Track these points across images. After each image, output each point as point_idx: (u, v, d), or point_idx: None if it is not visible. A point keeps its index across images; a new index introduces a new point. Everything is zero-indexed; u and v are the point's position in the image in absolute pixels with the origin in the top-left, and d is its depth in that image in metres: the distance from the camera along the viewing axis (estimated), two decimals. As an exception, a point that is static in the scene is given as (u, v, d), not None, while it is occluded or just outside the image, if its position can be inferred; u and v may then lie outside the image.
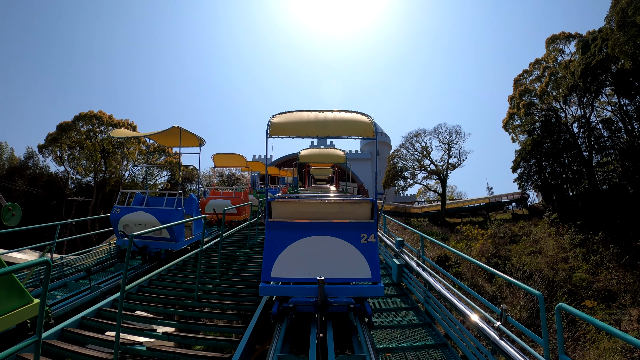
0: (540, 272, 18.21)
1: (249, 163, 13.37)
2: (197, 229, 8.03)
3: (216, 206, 11.42)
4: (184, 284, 5.56)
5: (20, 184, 31.09)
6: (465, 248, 22.50)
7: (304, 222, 4.08)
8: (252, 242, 8.94)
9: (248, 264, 6.92)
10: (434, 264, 5.60)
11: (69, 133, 31.78)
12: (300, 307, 3.68)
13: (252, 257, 7.53)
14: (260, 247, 8.33)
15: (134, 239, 3.09)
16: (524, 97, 32.62)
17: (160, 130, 7.46)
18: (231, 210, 11.14)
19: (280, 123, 4.43)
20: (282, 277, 3.82)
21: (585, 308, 15.47)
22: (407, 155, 37.25)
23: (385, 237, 8.03)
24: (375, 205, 4.14)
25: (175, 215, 6.83)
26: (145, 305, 4.78)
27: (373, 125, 4.37)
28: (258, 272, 6.04)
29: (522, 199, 35.02)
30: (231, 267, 6.69)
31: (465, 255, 4.44)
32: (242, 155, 13.02)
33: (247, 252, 7.92)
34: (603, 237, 22.39)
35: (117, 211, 7.05)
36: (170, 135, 7.80)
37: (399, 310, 5.22)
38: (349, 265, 3.81)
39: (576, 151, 29.36)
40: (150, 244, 7.06)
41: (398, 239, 6.74)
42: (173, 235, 6.84)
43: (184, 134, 7.84)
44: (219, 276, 5.79)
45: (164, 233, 6.82)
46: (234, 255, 7.56)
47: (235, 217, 12.17)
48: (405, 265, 6.03)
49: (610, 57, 24.95)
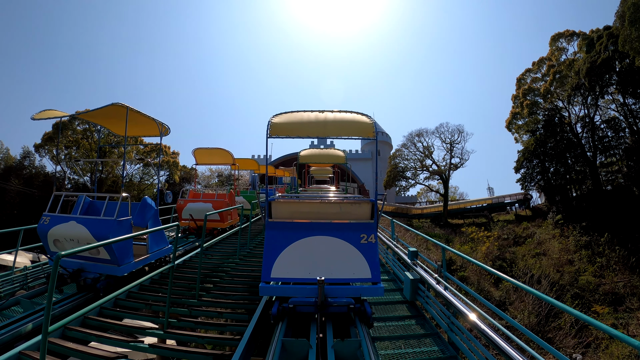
0: (547, 277, 17.77)
1: (236, 160, 11.78)
2: (156, 245, 6.16)
3: (194, 211, 9.80)
4: (154, 305, 4.63)
5: (16, 184, 30.58)
6: (470, 251, 22.04)
7: (304, 222, 4.10)
8: (243, 249, 8.02)
9: (235, 278, 6.04)
10: (460, 284, 4.46)
11: (65, 132, 31.28)
12: (300, 307, 3.71)
13: (243, 267, 6.67)
14: (252, 256, 7.56)
15: (62, 259, 2.31)
16: (527, 96, 32.19)
17: (96, 108, 5.55)
18: (213, 215, 9.49)
19: (280, 123, 4.44)
20: (282, 277, 3.83)
21: (594, 314, 15.03)
22: (408, 155, 36.80)
23: (392, 244, 7.15)
24: (375, 206, 4.14)
25: (115, 228, 5.03)
26: (100, 337, 3.75)
27: (373, 125, 4.38)
28: (250, 286, 5.45)
29: (525, 199, 34.59)
30: (215, 282, 5.86)
31: (476, 261, 4.16)
32: (227, 151, 11.08)
33: (236, 263, 6.99)
34: (609, 238, 22.00)
35: (45, 221, 5.28)
36: (115, 116, 6.03)
37: (416, 337, 4.31)
38: (349, 265, 3.83)
39: (580, 151, 28.96)
40: (87, 265, 5.23)
41: (411, 248, 5.91)
42: (113, 256, 5.02)
43: (136, 118, 5.99)
44: (198, 295, 4.85)
45: (101, 253, 5.09)
46: (220, 267, 6.69)
47: (218, 224, 10.20)
48: (420, 281, 5.18)
49: (616, 56, 24.52)
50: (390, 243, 7.30)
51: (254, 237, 10.22)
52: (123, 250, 5.19)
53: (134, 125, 6.48)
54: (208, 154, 11.22)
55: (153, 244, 6.06)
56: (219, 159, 11.64)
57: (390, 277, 6.94)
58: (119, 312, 4.54)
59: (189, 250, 8.64)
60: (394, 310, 5.19)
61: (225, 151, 11.07)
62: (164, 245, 6.36)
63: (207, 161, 11.76)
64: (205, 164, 11.79)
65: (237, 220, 11.39)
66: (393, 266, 7.05)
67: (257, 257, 7.44)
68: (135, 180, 34.46)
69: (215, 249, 8.26)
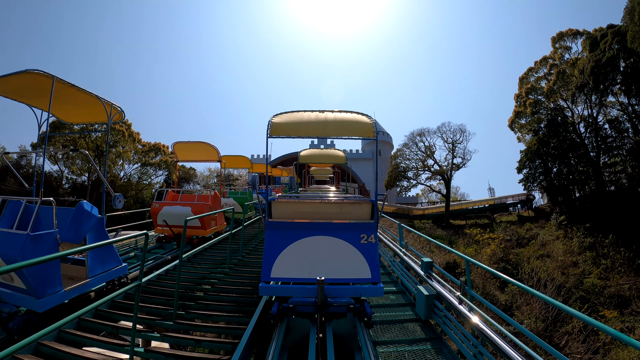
0: (553, 280, 17.43)
1: (226, 158, 10.65)
2: (101, 265, 4.68)
3: (170, 216, 8.47)
4: (121, 328, 3.77)
5: (12, 183, 30.17)
6: (475, 253, 21.67)
7: (304, 222, 4.11)
8: (235, 256, 7.13)
9: (221, 294, 5.07)
10: (489, 304, 3.56)
11: (61, 131, 30.88)
12: (300, 307, 3.71)
13: (232, 280, 5.80)
14: (244, 265, 6.89)
15: None
16: (530, 95, 31.86)
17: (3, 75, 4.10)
18: (194, 221, 8.20)
19: (280, 123, 4.45)
20: (282, 277, 3.84)
21: (601, 317, 14.70)
22: (410, 155, 36.42)
23: (400, 251, 6.49)
24: (375, 206, 4.15)
25: (27, 246, 3.65)
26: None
27: (374, 125, 4.39)
28: (239, 304, 4.69)
29: (527, 200, 34.26)
30: (198, 297, 4.89)
31: (485, 265, 3.93)
32: (211, 145, 9.72)
33: (225, 273, 6.14)
34: (613, 240, 21.72)
35: None
36: (41, 93, 4.56)
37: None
38: (349, 265, 3.84)
39: (583, 151, 28.65)
40: (4, 294, 3.91)
41: (425, 259, 5.24)
42: (29, 285, 3.64)
43: (72, 96, 4.68)
44: (176, 316, 3.99)
45: (15, 280, 3.73)
46: (207, 278, 5.89)
47: (198, 232, 8.74)
48: (436, 297, 4.61)
49: (621, 54, 24.19)
50: (398, 249, 6.69)
51: (248, 242, 9.09)
52: (42, 277, 3.70)
53: (74, 106, 5.21)
54: (190, 148, 9.89)
55: (96, 265, 4.53)
56: (202, 154, 10.26)
57: (398, 288, 6.28)
58: (77, 337, 3.59)
59: (167, 262, 7.59)
60: (404, 330, 4.63)
61: (209, 145, 9.79)
62: (113, 265, 4.93)
63: (189, 157, 10.52)
64: (187, 160, 10.61)
65: (223, 226, 10.15)
66: (401, 276, 6.35)
67: (250, 267, 6.73)
68: (133, 180, 34.07)
69: (202, 257, 7.43)
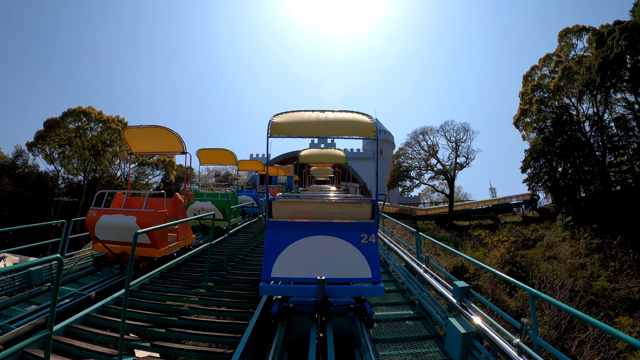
0: (562, 284, 16.88)
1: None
2: None
3: (107, 229, 5.88)
4: None
5: (7, 183, 29.54)
6: (483, 257, 21.07)
7: (304, 222, 4.09)
8: (217, 272, 5.92)
9: (193, 331, 3.87)
10: None
11: (57, 130, 30.25)
12: (301, 307, 3.70)
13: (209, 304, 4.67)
14: (226, 282, 5.72)
15: None
16: (535, 92, 31.28)
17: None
18: (143, 237, 5.81)
19: (281, 123, 4.44)
20: (282, 276, 3.82)
21: (616, 325, 14.16)
22: (412, 154, 35.84)
23: (419, 268, 5.28)
24: (375, 206, 4.12)
25: None
26: None
27: (374, 125, 4.39)
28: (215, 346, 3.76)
29: (531, 200, 33.69)
30: (161, 335, 3.78)
31: (499, 273, 3.72)
32: (231, 152, 9.46)
33: (201, 296, 4.91)
34: (622, 241, 21.21)
35: None
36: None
37: None
38: (349, 265, 3.82)
39: (588, 150, 28.10)
40: None
41: (459, 283, 3.98)
42: None
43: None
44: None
45: None
46: (177, 302, 4.78)
47: (148, 252, 6.01)
48: (476, 336, 3.42)
49: (628, 51, 23.61)
50: (415, 264, 5.50)
51: (234, 254, 7.57)
52: None
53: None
54: (143, 135, 8.98)
55: None
56: (160, 144, 9.48)
57: (416, 312, 5.05)
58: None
59: (111, 290, 5.38)
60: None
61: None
62: None
63: (145, 148, 9.89)
64: (144, 152, 10.56)
65: (190, 240, 7.66)
66: (420, 296, 5.11)
67: (236, 282, 5.61)
68: (130, 179, 33.46)
69: (177, 272, 5.96)
